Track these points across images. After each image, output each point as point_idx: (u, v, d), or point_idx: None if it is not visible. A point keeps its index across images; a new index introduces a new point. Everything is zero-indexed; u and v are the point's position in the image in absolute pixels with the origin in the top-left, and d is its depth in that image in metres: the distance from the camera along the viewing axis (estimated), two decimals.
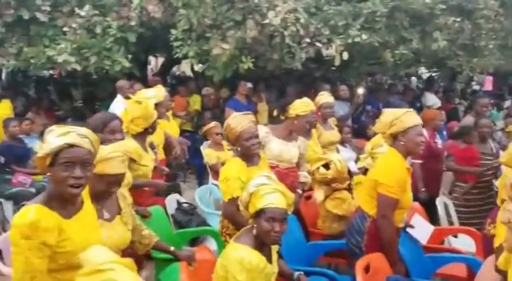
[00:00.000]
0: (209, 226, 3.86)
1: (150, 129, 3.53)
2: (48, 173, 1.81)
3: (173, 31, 5.91)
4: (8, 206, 4.86)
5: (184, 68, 14.44)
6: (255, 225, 2.25)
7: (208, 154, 5.46)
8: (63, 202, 1.82)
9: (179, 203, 4.03)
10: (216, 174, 5.45)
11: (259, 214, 2.23)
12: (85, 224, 1.90)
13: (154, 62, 13.49)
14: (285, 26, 5.37)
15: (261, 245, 2.27)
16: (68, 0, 6.64)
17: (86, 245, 1.84)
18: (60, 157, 1.75)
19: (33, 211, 1.73)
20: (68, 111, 8.46)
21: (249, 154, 3.02)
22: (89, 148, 1.81)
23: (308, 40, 5.69)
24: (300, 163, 3.92)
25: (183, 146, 5.05)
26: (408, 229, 3.19)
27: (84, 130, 1.85)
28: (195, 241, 3.70)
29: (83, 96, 9.61)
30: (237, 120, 2.98)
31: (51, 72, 10.29)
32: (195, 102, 7.48)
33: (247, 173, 2.93)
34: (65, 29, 6.39)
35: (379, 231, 2.79)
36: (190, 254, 2.70)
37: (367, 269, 2.68)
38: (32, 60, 6.53)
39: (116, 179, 2.33)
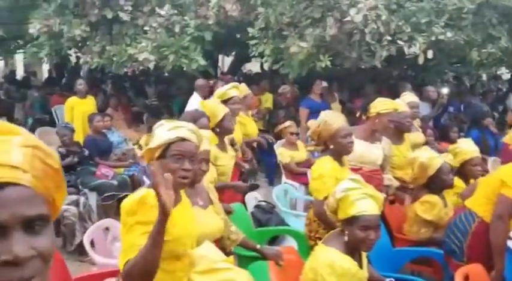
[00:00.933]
0: (288, 225, 3.84)
1: (217, 129, 3.53)
2: (153, 165, 1.86)
3: (250, 29, 5.96)
4: (92, 197, 5.11)
5: (251, 66, 14.57)
6: (346, 232, 2.19)
7: (282, 153, 5.45)
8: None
9: (258, 201, 4.04)
10: (289, 173, 5.44)
11: (350, 221, 2.17)
12: (184, 214, 1.96)
13: (221, 61, 13.74)
14: (365, 24, 5.23)
15: (352, 250, 2.22)
16: (148, 0, 6.90)
17: (186, 235, 1.90)
18: (171, 149, 1.83)
19: (142, 191, 1.82)
20: (143, 108, 8.81)
21: (343, 153, 2.98)
22: (196, 143, 1.89)
23: (389, 38, 5.51)
24: (384, 165, 3.79)
25: (262, 145, 5.04)
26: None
27: (192, 126, 1.94)
28: (273, 240, 3.69)
29: (156, 93, 9.97)
30: (334, 118, 2.95)
31: (125, 70, 10.81)
32: (267, 100, 7.50)
33: (340, 172, 2.88)
34: (145, 28, 6.65)
35: (489, 233, 2.65)
36: (278, 253, 2.68)
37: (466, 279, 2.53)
38: (114, 58, 6.85)
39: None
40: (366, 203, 2.17)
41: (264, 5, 5.74)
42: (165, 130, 1.86)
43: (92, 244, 3.40)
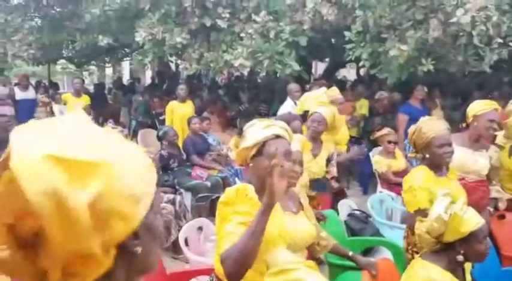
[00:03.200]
0: (383, 236, 3.69)
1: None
2: (250, 164, 1.91)
3: (346, 33, 5.86)
4: (187, 196, 5.35)
5: (345, 72, 14.34)
6: (460, 250, 2.05)
7: (379, 161, 5.26)
8: (262, 190, 1.87)
9: (351, 210, 3.94)
10: (385, 183, 5.24)
11: (467, 238, 2.04)
12: (276, 216, 1.95)
13: (314, 66, 13.70)
14: (473, 25, 4.88)
15: (455, 266, 2.06)
16: (245, 8, 7.09)
17: (279, 237, 1.88)
18: (267, 146, 1.84)
19: (239, 184, 1.86)
20: (237, 113, 9.06)
21: (439, 163, 2.78)
22: (289, 140, 1.91)
23: (500, 40, 5.08)
24: (491, 175, 3.49)
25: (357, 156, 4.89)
26: None
27: (283, 124, 1.95)
28: (367, 251, 3.57)
29: (249, 98, 10.21)
30: (430, 125, 2.76)
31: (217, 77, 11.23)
32: (362, 106, 7.31)
33: (436, 183, 2.70)
34: (241, 34, 6.84)
35: None
36: (372, 263, 2.58)
37: None
38: (211, 64, 7.14)
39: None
40: (473, 213, 2.03)
41: (362, 8, 5.61)
42: (258, 129, 1.88)
43: (186, 242, 3.54)
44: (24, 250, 0.64)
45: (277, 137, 1.86)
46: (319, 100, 3.75)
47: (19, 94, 8.59)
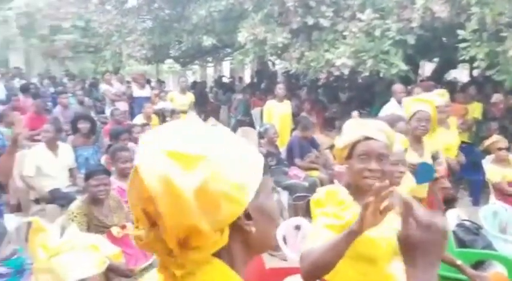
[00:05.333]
0: (495, 250, 3.46)
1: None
2: (346, 165, 1.89)
3: (460, 31, 5.56)
4: (284, 195, 5.45)
5: (457, 74, 13.53)
6: None
7: (492, 170, 4.94)
8: (357, 192, 1.86)
9: (460, 220, 3.75)
10: (499, 193, 4.90)
11: None
12: None
13: (422, 66, 13.09)
14: None
15: None
16: (350, 6, 7.03)
17: (379, 238, 1.84)
18: (357, 149, 1.81)
19: (332, 186, 1.88)
20: (335, 113, 9.00)
21: None
22: (385, 141, 1.81)
23: None
24: None
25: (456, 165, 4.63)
26: None
27: (381, 124, 1.87)
28: (477, 265, 3.37)
29: (348, 99, 10.08)
30: None
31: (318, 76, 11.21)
32: (475, 110, 6.87)
33: None
34: (345, 33, 6.79)
35: None
36: (484, 277, 2.45)
37: None
38: (311, 64, 7.18)
39: None
40: None
41: (478, 5, 5.28)
42: (351, 129, 1.85)
43: (284, 240, 3.63)
44: (153, 229, 0.78)
45: (368, 138, 1.80)
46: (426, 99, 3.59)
47: (136, 92, 9.35)
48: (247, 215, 0.81)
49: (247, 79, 16.66)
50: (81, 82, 11.86)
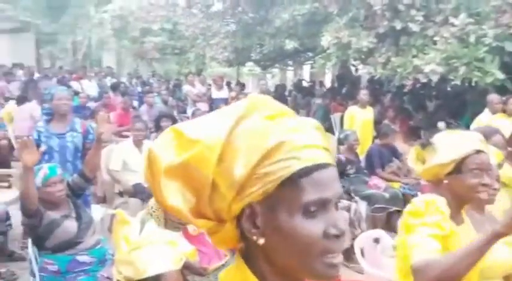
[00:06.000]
0: None
1: None
2: (445, 181, 1.80)
3: None
4: (362, 205, 5.29)
5: None
6: None
7: None
8: (459, 206, 1.81)
9: None
10: None
11: None
12: (465, 237, 1.81)
13: None
14: None
15: None
16: (442, 10, 6.70)
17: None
18: (468, 163, 1.73)
19: (430, 196, 1.78)
20: (421, 122, 8.61)
21: None
22: (488, 153, 1.78)
23: None
24: None
25: None
26: None
27: (480, 136, 1.82)
28: None
29: (436, 108, 9.61)
30: None
31: (403, 83, 10.79)
32: None
33: None
34: (435, 38, 6.48)
35: None
36: None
37: None
38: (398, 70, 6.94)
39: None
40: None
41: None
42: (455, 143, 1.77)
43: (361, 252, 3.52)
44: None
45: (479, 152, 1.73)
46: None
47: (215, 93, 9.63)
48: (253, 223, 0.76)
49: (327, 84, 16.48)
50: (166, 83, 12.43)
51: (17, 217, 3.33)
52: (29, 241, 2.96)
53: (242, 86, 12.70)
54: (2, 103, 9.11)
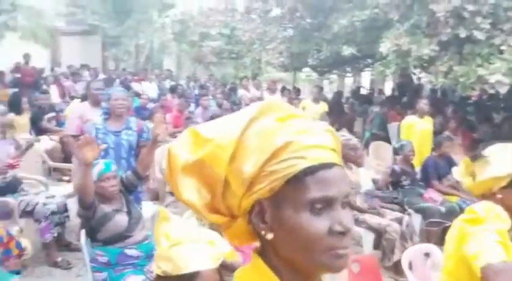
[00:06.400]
0: None
1: None
2: (498, 195, 1.78)
3: None
4: (416, 218, 5.14)
5: None
6: None
7: None
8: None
9: None
10: None
11: None
12: None
13: None
14: None
15: None
16: (510, 17, 6.41)
17: None
18: None
19: (486, 204, 1.77)
20: (485, 135, 8.22)
21: None
22: None
23: None
24: None
25: None
26: None
27: None
28: None
29: (503, 120, 9.15)
30: None
31: (468, 93, 10.36)
32: None
33: None
34: (502, 47, 6.21)
35: None
36: None
37: None
38: (460, 79, 6.70)
39: None
40: None
41: None
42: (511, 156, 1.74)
43: (410, 265, 3.42)
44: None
45: None
46: None
47: (268, 97, 9.70)
48: (262, 218, 0.80)
49: (387, 91, 16.14)
50: (222, 86, 12.66)
51: (74, 210, 3.53)
52: (83, 232, 3.14)
53: (298, 91, 12.71)
54: (67, 101, 9.68)
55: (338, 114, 11.23)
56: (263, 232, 0.80)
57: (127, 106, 4.15)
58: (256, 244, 0.86)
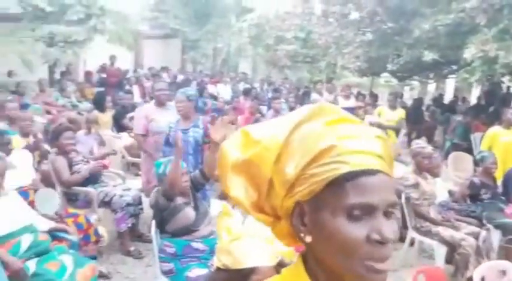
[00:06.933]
0: None
1: None
2: None
3: None
4: (495, 235, 4.87)
5: None
6: None
7: None
8: None
9: None
10: None
11: None
12: None
13: None
14: None
15: None
16: None
17: None
18: None
19: None
20: None
21: None
22: None
23: None
24: None
25: None
26: None
27: None
28: None
29: None
30: None
31: None
32: None
33: None
34: None
35: None
36: None
37: None
38: None
39: None
40: None
41: None
42: None
43: None
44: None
45: None
46: None
47: (341, 102, 9.60)
48: (302, 221, 0.81)
49: (473, 100, 15.33)
50: (295, 90, 12.71)
51: (147, 203, 3.77)
52: (153, 223, 3.35)
53: (375, 97, 12.47)
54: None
55: (417, 121, 10.88)
56: (302, 235, 0.81)
57: (187, 107, 4.42)
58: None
